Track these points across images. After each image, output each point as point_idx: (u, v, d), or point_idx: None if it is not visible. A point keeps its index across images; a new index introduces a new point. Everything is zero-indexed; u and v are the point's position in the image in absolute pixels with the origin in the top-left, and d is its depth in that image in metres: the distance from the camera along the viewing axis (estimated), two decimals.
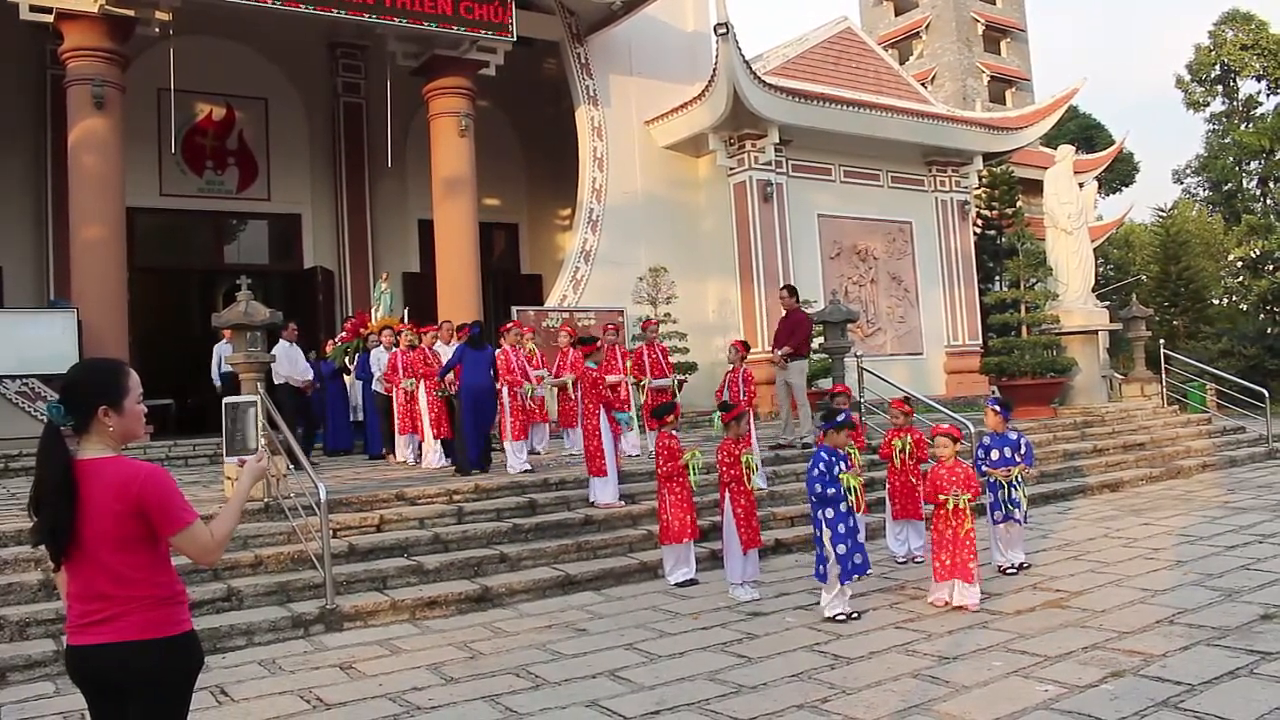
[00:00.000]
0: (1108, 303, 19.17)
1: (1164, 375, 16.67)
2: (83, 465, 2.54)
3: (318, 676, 5.37)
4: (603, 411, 8.68)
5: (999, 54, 47.91)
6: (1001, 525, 7.35)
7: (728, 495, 6.96)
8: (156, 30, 12.74)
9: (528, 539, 7.94)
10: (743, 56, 15.25)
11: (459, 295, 14.47)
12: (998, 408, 7.66)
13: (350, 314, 15.94)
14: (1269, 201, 33.24)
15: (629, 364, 10.98)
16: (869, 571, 6.33)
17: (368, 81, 17.54)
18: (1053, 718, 4.32)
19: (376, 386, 11.60)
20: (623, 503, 8.72)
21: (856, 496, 6.21)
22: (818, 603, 6.43)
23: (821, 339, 12.14)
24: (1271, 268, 29.56)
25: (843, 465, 6.23)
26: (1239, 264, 31.72)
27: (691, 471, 7.21)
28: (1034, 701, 4.51)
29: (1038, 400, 14.79)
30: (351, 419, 13.13)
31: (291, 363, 11.17)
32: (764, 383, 15.55)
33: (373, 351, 12.03)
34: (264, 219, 17.89)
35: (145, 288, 16.85)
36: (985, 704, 4.52)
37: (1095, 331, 16.22)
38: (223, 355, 15.12)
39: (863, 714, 4.47)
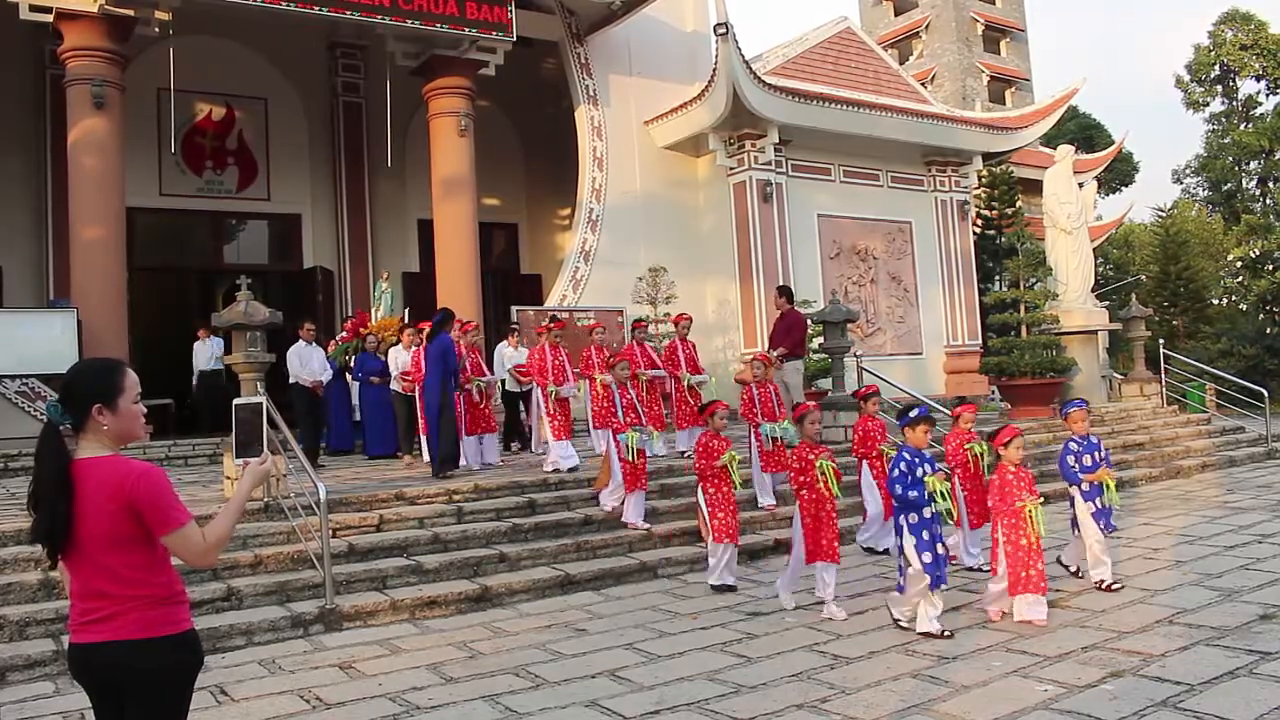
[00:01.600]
0: (1107, 303, 19.16)
1: (1163, 375, 16.68)
2: (80, 464, 2.55)
3: (317, 676, 5.37)
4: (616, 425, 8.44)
5: (999, 54, 47.92)
6: (1101, 536, 6.75)
7: (797, 505, 6.50)
8: (156, 30, 12.73)
9: (527, 539, 7.94)
10: (742, 56, 15.25)
11: (459, 295, 14.45)
12: (1084, 408, 7.07)
13: (351, 314, 15.90)
14: (1268, 201, 33.25)
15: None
16: (945, 585, 5.86)
17: (367, 81, 17.54)
18: (1053, 718, 4.32)
19: (395, 386, 11.23)
20: (647, 525, 8.36)
21: (945, 500, 5.75)
22: (819, 603, 6.43)
23: (821, 339, 12.14)
24: (1271, 268, 29.57)
25: (926, 467, 5.80)
26: (1238, 264, 31.72)
27: (732, 472, 6.99)
28: (1034, 701, 4.51)
29: (1037, 400, 14.79)
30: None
31: (303, 362, 10.93)
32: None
33: (391, 350, 11.71)
34: (264, 219, 17.88)
35: (145, 288, 16.86)
36: (985, 704, 4.52)
37: (1095, 331, 16.22)
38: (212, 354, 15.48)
39: (863, 714, 4.47)
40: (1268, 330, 27.18)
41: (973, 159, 19.08)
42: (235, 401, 7.49)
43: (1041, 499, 6.07)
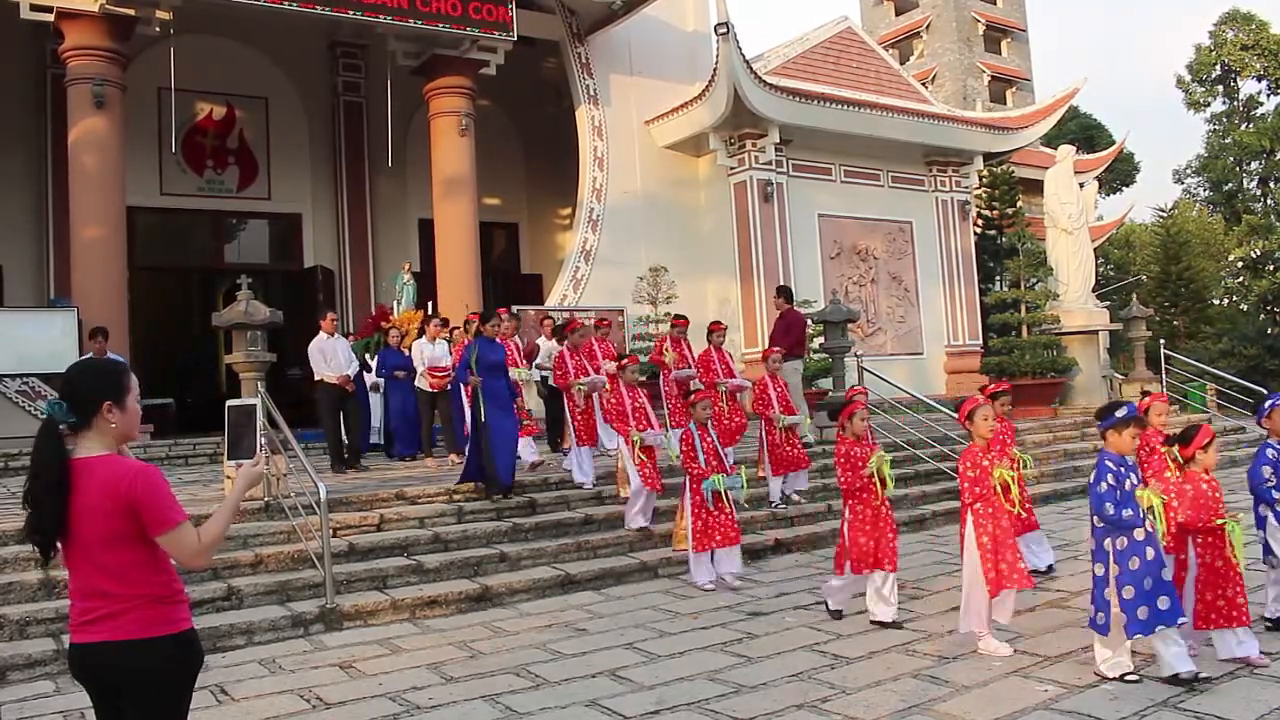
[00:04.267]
0: (1108, 303, 19.17)
1: (1164, 375, 16.67)
2: (78, 464, 2.55)
3: (317, 676, 5.36)
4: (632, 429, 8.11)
5: (999, 54, 47.91)
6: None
7: (970, 520, 5.33)
8: (157, 29, 12.75)
9: (528, 538, 7.93)
10: (743, 56, 15.26)
11: (459, 295, 14.47)
12: None
13: (371, 311, 15.58)
14: (1269, 202, 33.22)
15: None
16: (1182, 620, 4.68)
17: (368, 81, 17.55)
18: (1053, 718, 4.32)
19: (420, 383, 10.69)
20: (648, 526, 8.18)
21: (1161, 521, 4.78)
22: (819, 603, 6.43)
23: (822, 339, 12.14)
24: (1272, 268, 29.57)
25: (1133, 477, 4.76)
26: (1239, 264, 31.71)
27: (888, 480, 5.94)
28: (1034, 701, 4.51)
29: (1038, 400, 14.80)
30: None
31: (326, 357, 10.08)
32: None
33: (416, 344, 11.11)
34: (264, 218, 17.89)
35: (145, 287, 16.86)
36: (985, 704, 4.51)
37: (1095, 331, 16.22)
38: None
39: (863, 714, 4.46)
40: (1268, 330, 27.17)
41: (973, 159, 19.09)
42: (228, 403, 7.48)
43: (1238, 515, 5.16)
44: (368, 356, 12.50)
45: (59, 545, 2.57)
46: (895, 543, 6.02)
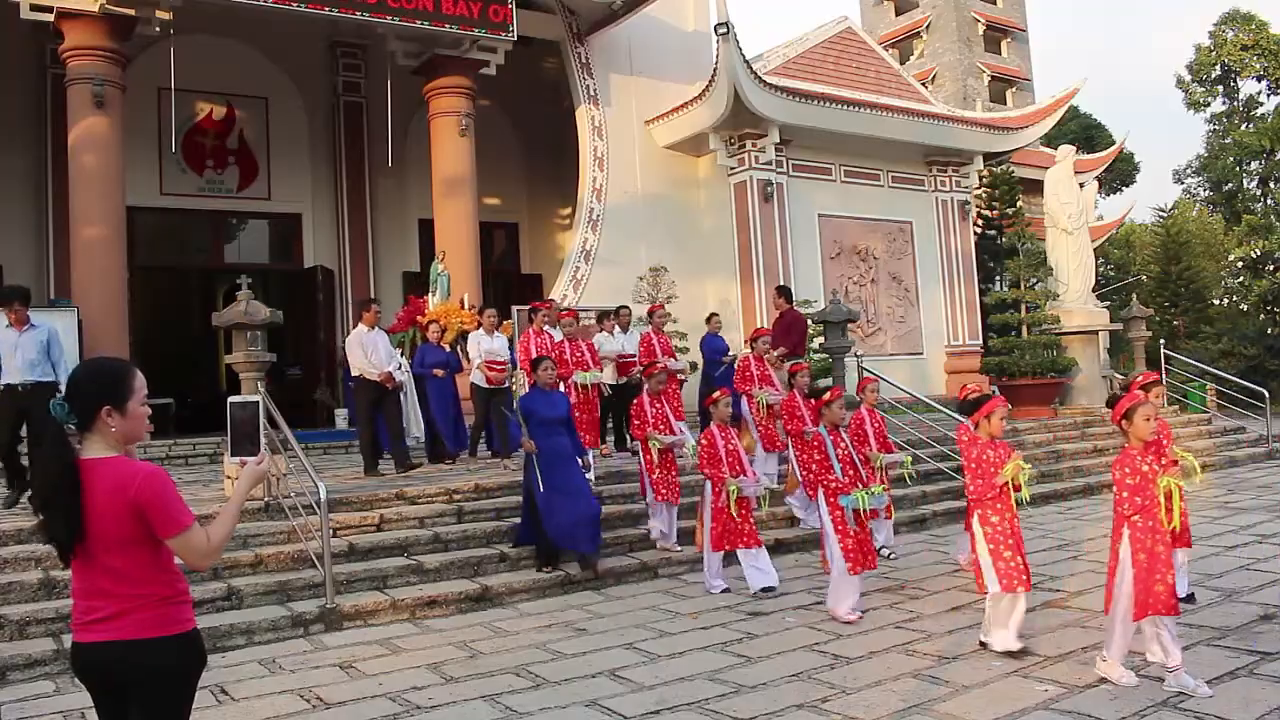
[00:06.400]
0: (1108, 303, 19.16)
1: (1164, 375, 16.67)
2: (85, 465, 2.54)
3: (318, 676, 5.37)
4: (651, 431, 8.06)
5: (999, 54, 47.89)
6: None
7: (1126, 535, 4.72)
8: (157, 29, 12.74)
9: None
10: (743, 56, 15.25)
11: (459, 294, 14.45)
12: None
13: (402, 304, 14.89)
14: (1269, 202, 33.22)
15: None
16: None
17: (368, 81, 17.54)
18: (1053, 718, 4.32)
19: (476, 378, 9.92)
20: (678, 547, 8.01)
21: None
22: (819, 603, 6.43)
23: (822, 339, 12.14)
24: (1272, 268, 29.58)
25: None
26: (1239, 264, 31.72)
27: (1024, 488, 5.31)
28: (1034, 701, 4.51)
29: (1038, 400, 14.80)
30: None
31: (366, 352, 9.27)
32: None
33: (472, 335, 10.25)
34: (264, 218, 17.88)
35: (145, 287, 16.85)
36: (985, 704, 4.51)
37: (1095, 331, 16.22)
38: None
39: (863, 714, 4.46)
40: (1269, 330, 27.19)
41: (973, 159, 19.08)
42: (230, 400, 7.45)
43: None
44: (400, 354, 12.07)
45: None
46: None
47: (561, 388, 8.99)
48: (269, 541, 7.19)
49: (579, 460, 7.48)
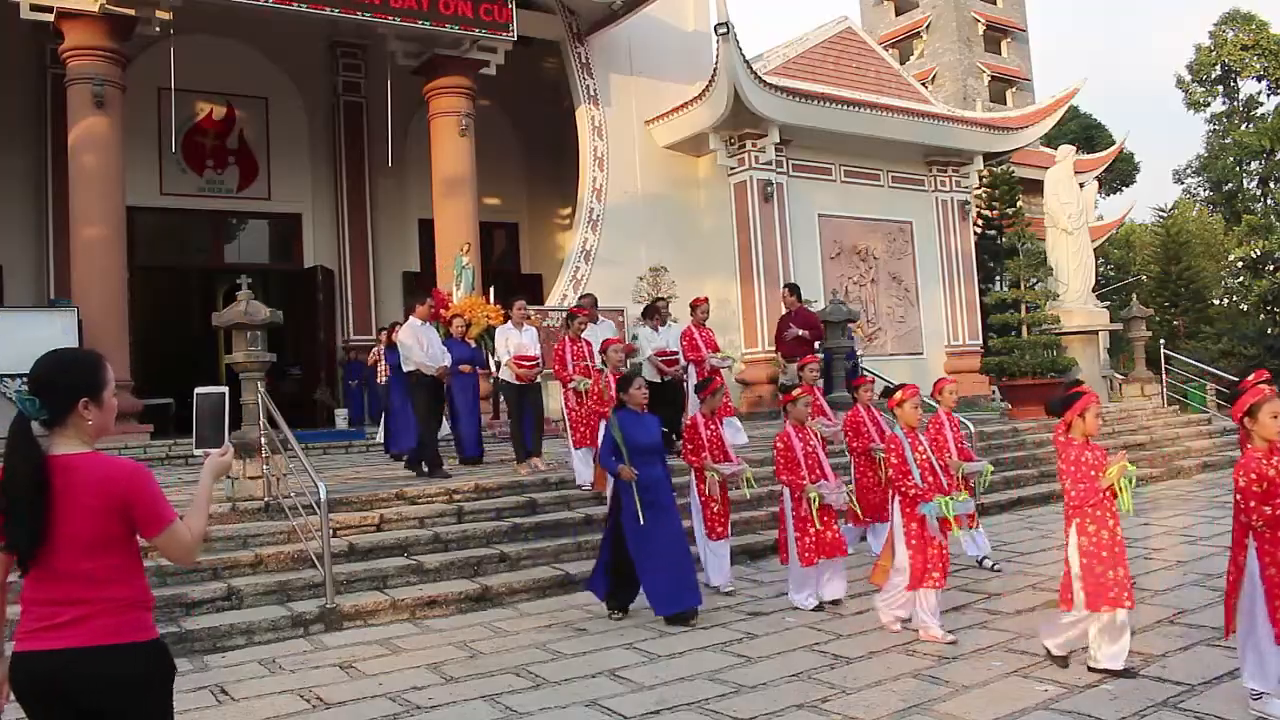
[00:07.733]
0: (1108, 303, 19.17)
1: (1164, 375, 16.67)
2: (57, 461, 2.39)
3: (317, 676, 5.37)
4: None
5: (999, 54, 47.91)
6: None
7: (1252, 548, 4.17)
8: (157, 29, 12.73)
9: (528, 538, 7.93)
10: (743, 56, 15.25)
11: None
12: None
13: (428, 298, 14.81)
14: (1269, 202, 33.22)
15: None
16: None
17: (368, 81, 17.53)
18: (1053, 718, 4.32)
19: (505, 375, 9.43)
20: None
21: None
22: (819, 606, 6.42)
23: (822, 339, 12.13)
24: (1272, 268, 29.55)
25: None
26: (1239, 264, 31.69)
27: (1122, 495, 4.73)
28: (1034, 701, 4.51)
29: (1038, 400, 14.71)
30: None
31: (423, 345, 8.79)
32: (764, 382, 15.63)
33: (499, 330, 9.75)
34: (264, 218, 17.88)
35: (145, 287, 16.85)
36: (985, 704, 4.51)
37: (1096, 331, 16.22)
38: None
39: (863, 714, 4.46)
40: (1269, 330, 27.17)
41: (973, 159, 19.07)
42: (196, 390, 7.41)
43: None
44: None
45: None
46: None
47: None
48: (269, 541, 7.19)
49: (672, 492, 6.56)
